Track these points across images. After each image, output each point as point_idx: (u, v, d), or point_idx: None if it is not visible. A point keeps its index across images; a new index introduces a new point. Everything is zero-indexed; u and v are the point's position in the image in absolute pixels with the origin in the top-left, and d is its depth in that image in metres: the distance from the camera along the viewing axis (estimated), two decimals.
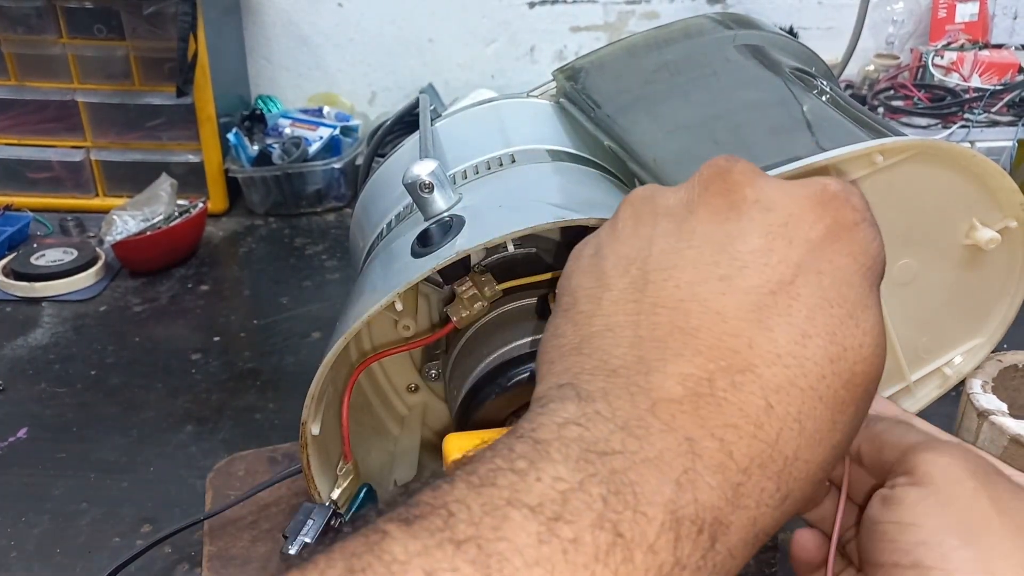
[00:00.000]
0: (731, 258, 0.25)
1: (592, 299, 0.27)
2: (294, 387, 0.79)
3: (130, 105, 1.14)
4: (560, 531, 0.20)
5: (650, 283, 0.26)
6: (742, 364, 0.23)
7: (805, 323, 0.24)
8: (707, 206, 0.27)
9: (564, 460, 0.21)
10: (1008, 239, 0.43)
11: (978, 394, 0.54)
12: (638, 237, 0.28)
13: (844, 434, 0.25)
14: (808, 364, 0.24)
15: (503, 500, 0.20)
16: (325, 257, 1.06)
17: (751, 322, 0.24)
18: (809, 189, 0.27)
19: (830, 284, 0.25)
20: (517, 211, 0.41)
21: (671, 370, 0.23)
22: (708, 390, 0.23)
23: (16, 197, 1.16)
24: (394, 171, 0.52)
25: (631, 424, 0.22)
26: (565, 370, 0.25)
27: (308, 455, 0.44)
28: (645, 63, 0.52)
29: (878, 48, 1.40)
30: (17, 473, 0.68)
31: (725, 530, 0.22)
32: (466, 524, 0.19)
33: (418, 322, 0.52)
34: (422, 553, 0.19)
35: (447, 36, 1.37)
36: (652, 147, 0.45)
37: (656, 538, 0.20)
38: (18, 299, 0.95)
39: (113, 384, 0.80)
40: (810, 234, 0.26)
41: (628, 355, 0.24)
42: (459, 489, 0.20)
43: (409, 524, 0.20)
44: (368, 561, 0.19)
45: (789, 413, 0.23)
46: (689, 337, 0.24)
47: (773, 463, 0.23)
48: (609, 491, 0.20)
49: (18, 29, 1.10)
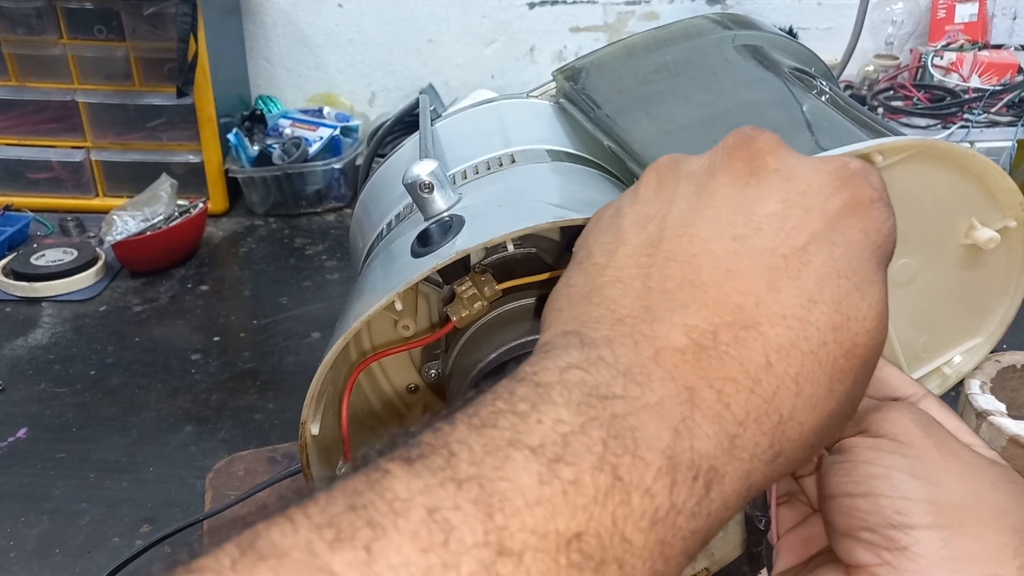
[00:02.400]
0: (747, 219, 0.26)
1: (607, 252, 0.27)
2: (294, 387, 0.79)
3: (130, 105, 1.14)
4: (561, 472, 0.20)
5: (665, 239, 0.26)
6: (747, 321, 0.24)
7: (813, 289, 0.25)
8: (729, 171, 0.27)
9: (566, 403, 0.21)
10: (1007, 239, 0.43)
11: (977, 395, 0.54)
12: (659, 199, 0.28)
13: (840, 403, 0.25)
14: (811, 329, 0.24)
15: (504, 441, 0.20)
16: (325, 257, 1.06)
17: (760, 281, 0.24)
18: (831, 164, 0.27)
19: (841, 256, 0.25)
20: (517, 211, 0.41)
21: (677, 320, 0.24)
22: (711, 343, 0.23)
23: (16, 197, 1.16)
24: (394, 171, 0.52)
25: (633, 370, 0.23)
26: (572, 318, 0.26)
27: (308, 455, 0.44)
28: (644, 63, 0.52)
29: (877, 49, 1.41)
30: (17, 473, 0.68)
31: (720, 479, 0.22)
32: (467, 464, 0.20)
33: (418, 322, 0.52)
34: (424, 491, 0.19)
35: (447, 36, 1.37)
36: (651, 147, 0.45)
37: (653, 482, 0.21)
38: (18, 299, 0.95)
39: (113, 384, 0.80)
40: (827, 206, 0.26)
41: (635, 305, 0.25)
42: (460, 430, 0.21)
43: (410, 463, 0.20)
44: (370, 499, 0.19)
45: (788, 373, 0.24)
46: (698, 291, 0.24)
47: (768, 419, 0.23)
48: (609, 435, 0.21)
49: (18, 30, 1.10)
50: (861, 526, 0.28)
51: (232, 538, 0.18)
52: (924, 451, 0.28)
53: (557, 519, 0.19)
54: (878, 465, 0.28)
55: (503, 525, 0.19)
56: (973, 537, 0.27)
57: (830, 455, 0.31)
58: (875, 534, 0.27)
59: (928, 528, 0.27)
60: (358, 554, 0.18)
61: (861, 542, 0.28)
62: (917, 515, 0.27)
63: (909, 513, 0.27)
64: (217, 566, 0.18)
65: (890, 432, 0.29)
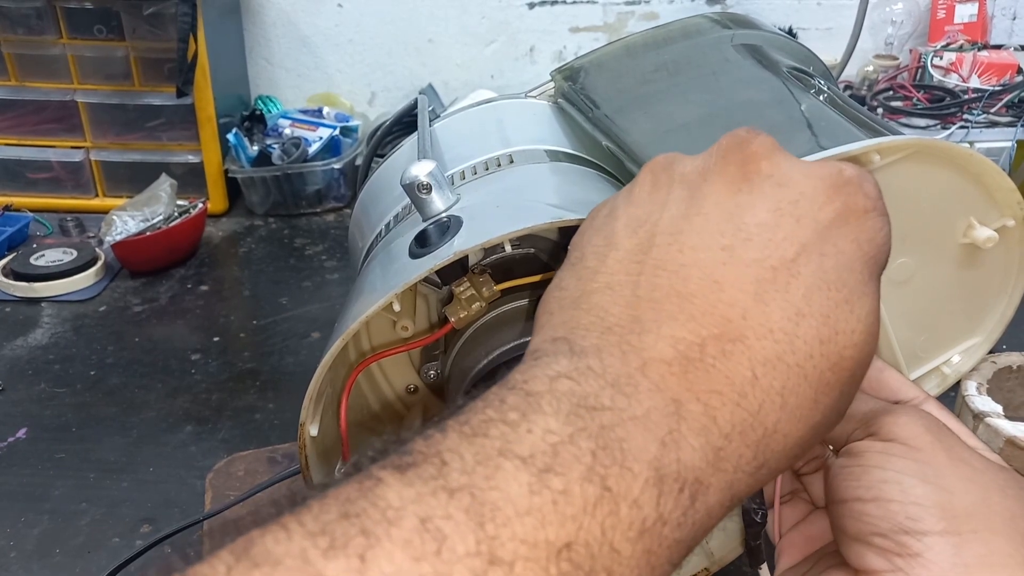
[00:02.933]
0: (736, 229, 0.26)
1: (598, 256, 0.27)
2: (293, 387, 0.79)
3: (130, 105, 1.14)
4: (551, 482, 0.20)
5: (655, 246, 0.26)
6: (734, 334, 0.24)
7: (801, 302, 0.25)
8: (722, 175, 0.27)
9: (555, 413, 0.21)
10: (1005, 238, 0.43)
11: (973, 396, 0.54)
12: (652, 201, 0.28)
13: (825, 416, 0.25)
14: (798, 342, 0.24)
15: (495, 450, 0.20)
16: (325, 257, 1.06)
17: (748, 294, 0.24)
18: (825, 171, 0.27)
19: (831, 267, 0.25)
20: (515, 211, 0.41)
21: (664, 332, 0.24)
22: (698, 355, 0.24)
23: (16, 197, 1.16)
24: (393, 172, 0.52)
25: (621, 381, 0.23)
26: (562, 323, 0.26)
27: (307, 456, 0.44)
28: (643, 63, 0.52)
29: (877, 49, 1.41)
30: (17, 473, 0.68)
31: (705, 490, 0.22)
32: (459, 473, 0.20)
33: (416, 323, 0.52)
34: (416, 500, 0.19)
35: (446, 36, 1.37)
36: (650, 147, 0.45)
37: (640, 493, 0.21)
38: (18, 299, 0.95)
39: (113, 384, 0.80)
40: (819, 215, 0.26)
41: (624, 314, 0.25)
42: (451, 439, 0.21)
43: (403, 471, 0.20)
44: (362, 507, 0.19)
45: (773, 387, 0.24)
46: (685, 302, 0.24)
47: (753, 432, 0.23)
48: (598, 446, 0.21)
49: (18, 30, 1.10)
50: (872, 531, 0.28)
51: (226, 544, 0.19)
52: (934, 456, 0.28)
53: (547, 529, 0.19)
54: (889, 470, 0.28)
55: (494, 535, 0.19)
56: (983, 543, 0.27)
57: (839, 458, 0.31)
58: (887, 539, 0.27)
59: (940, 534, 0.27)
60: (351, 562, 0.18)
61: (872, 547, 0.28)
62: (929, 521, 0.27)
63: (921, 519, 0.27)
64: (212, 573, 0.18)
65: (900, 436, 0.29)
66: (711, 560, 0.51)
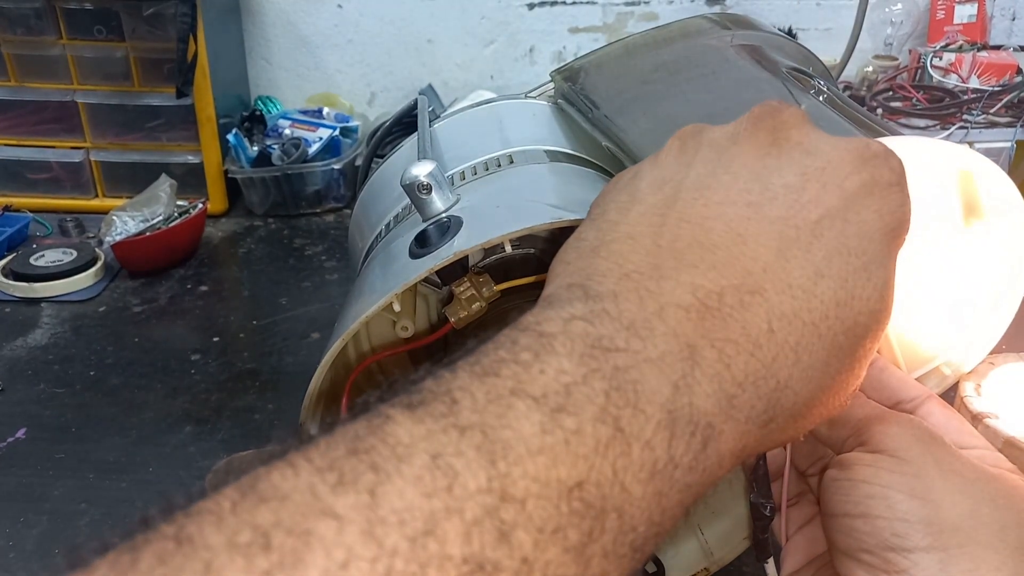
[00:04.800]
0: (764, 188, 0.26)
1: (621, 210, 0.28)
2: (293, 387, 0.79)
3: (129, 106, 1.14)
4: (563, 422, 0.20)
5: (680, 200, 0.26)
6: (753, 286, 0.24)
7: (821, 263, 0.25)
8: (751, 140, 0.27)
9: (568, 354, 0.21)
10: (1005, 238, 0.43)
11: (972, 397, 0.54)
12: (678, 163, 0.28)
13: (835, 380, 0.26)
14: (815, 301, 0.24)
15: (507, 390, 0.20)
16: (324, 258, 1.06)
17: (770, 249, 0.25)
18: (853, 144, 0.27)
19: (853, 234, 0.26)
20: (515, 212, 0.41)
21: (684, 279, 0.24)
22: (716, 304, 0.24)
23: (16, 198, 1.16)
24: (393, 172, 0.53)
25: (636, 324, 0.23)
26: (579, 270, 0.26)
27: None
28: (643, 63, 0.52)
29: (876, 49, 1.41)
30: (16, 473, 0.68)
31: (716, 436, 0.22)
32: (470, 411, 0.20)
33: (416, 323, 0.52)
34: (426, 437, 0.19)
35: (446, 37, 1.37)
36: (650, 147, 0.45)
37: (652, 435, 0.21)
38: (17, 299, 0.95)
39: (112, 384, 0.80)
40: (845, 183, 0.26)
41: (643, 261, 0.25)
42: (462, 378, 0.21)
43: (413, 409, 0.20)
44: (371, 443, 0.19)
45: (788, 341, 0.24)
46: (707, 252, 0.25)
47: (766, 383, 0.24)
48: (611, 387, 0.21)
49: (18, 30, 1.10)
50: (860, 547, 0.28)
51: (231, 483, 0.18)
52: (923, 468, 0.28)
53: (559, 467, 0.19)
54: (876, 484, 0.28)
55: (506, 472, 0.19)
56: (970, 558, 0.27)
57: (830, 470, 0.31)
58: (874, 556, 0.28)
59: (925, 551, 0.27)
60: (361, 497, 0.18)
61: (861, 563, 0.28)
62: (915, 537, 0.27)
63: (907, 535, 0.27)
64: (217, 508, 0.17)
65: (889, 447, 0.29)
66: (711, 560, 0.51)
